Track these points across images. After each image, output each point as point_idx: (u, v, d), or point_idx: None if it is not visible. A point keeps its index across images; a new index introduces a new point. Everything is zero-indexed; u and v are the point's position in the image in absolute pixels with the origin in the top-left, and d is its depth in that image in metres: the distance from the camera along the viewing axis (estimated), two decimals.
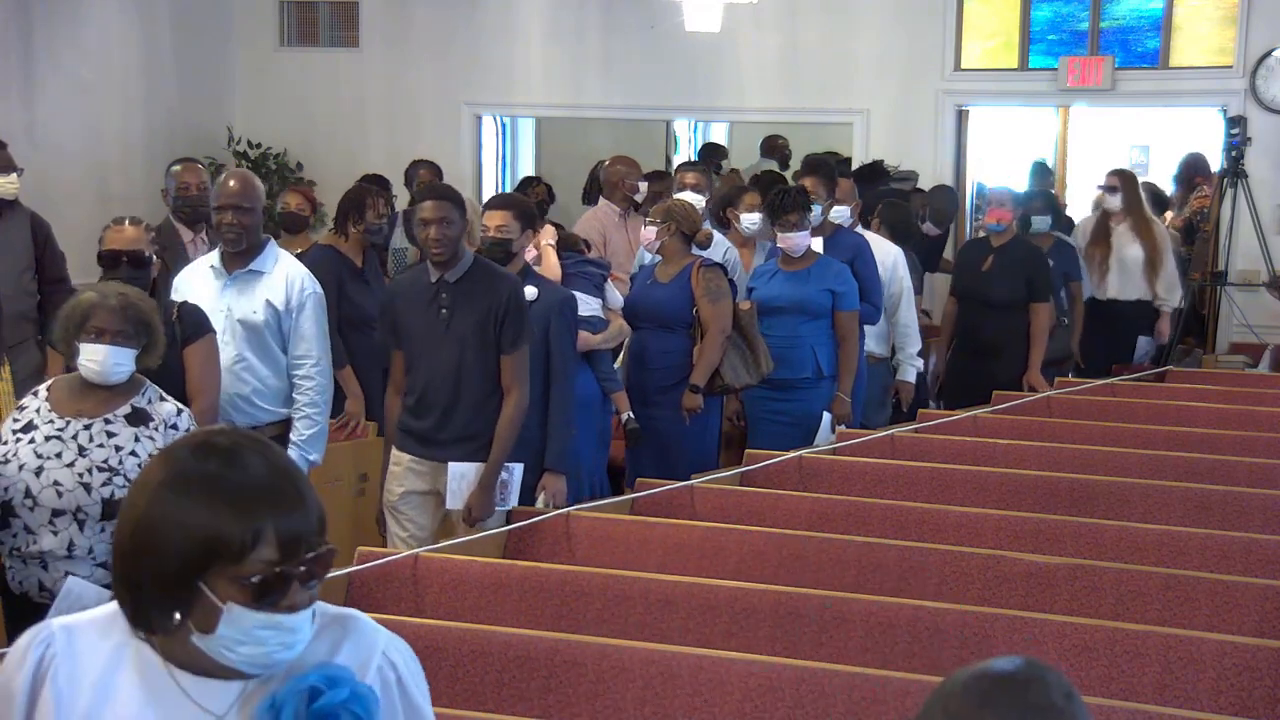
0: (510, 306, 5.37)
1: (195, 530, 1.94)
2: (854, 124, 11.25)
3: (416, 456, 5.48)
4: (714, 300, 6.65)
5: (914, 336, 7.73)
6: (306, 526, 1.99)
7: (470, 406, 5.39)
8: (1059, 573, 4.64)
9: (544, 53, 11.87)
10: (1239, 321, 10.00)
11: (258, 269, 5.56)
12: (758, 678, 3.70)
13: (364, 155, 11.38)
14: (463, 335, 5.37)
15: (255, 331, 5.50)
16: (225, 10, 12.22)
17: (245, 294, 5.54)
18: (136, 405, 4.30)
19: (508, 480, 5.43)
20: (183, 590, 1.95)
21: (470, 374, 5.38)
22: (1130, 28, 10.70)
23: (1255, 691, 3.84)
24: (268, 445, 2.04)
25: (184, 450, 2.01)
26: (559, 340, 5.80)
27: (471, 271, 5.41)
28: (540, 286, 5.88)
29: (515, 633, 4.05)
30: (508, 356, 5.39)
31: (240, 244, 5.51)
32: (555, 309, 5.83)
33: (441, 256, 5.35)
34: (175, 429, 4.30)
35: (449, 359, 5.37)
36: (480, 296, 5.37)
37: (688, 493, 5.65)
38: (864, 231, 7.80)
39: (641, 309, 6.79)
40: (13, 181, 7.19)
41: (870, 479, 5.97)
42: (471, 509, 5.36)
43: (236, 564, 1.94)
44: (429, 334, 5.41)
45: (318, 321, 5.61)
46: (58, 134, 10.49)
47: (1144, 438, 6.73)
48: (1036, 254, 8.15)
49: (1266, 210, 9.98)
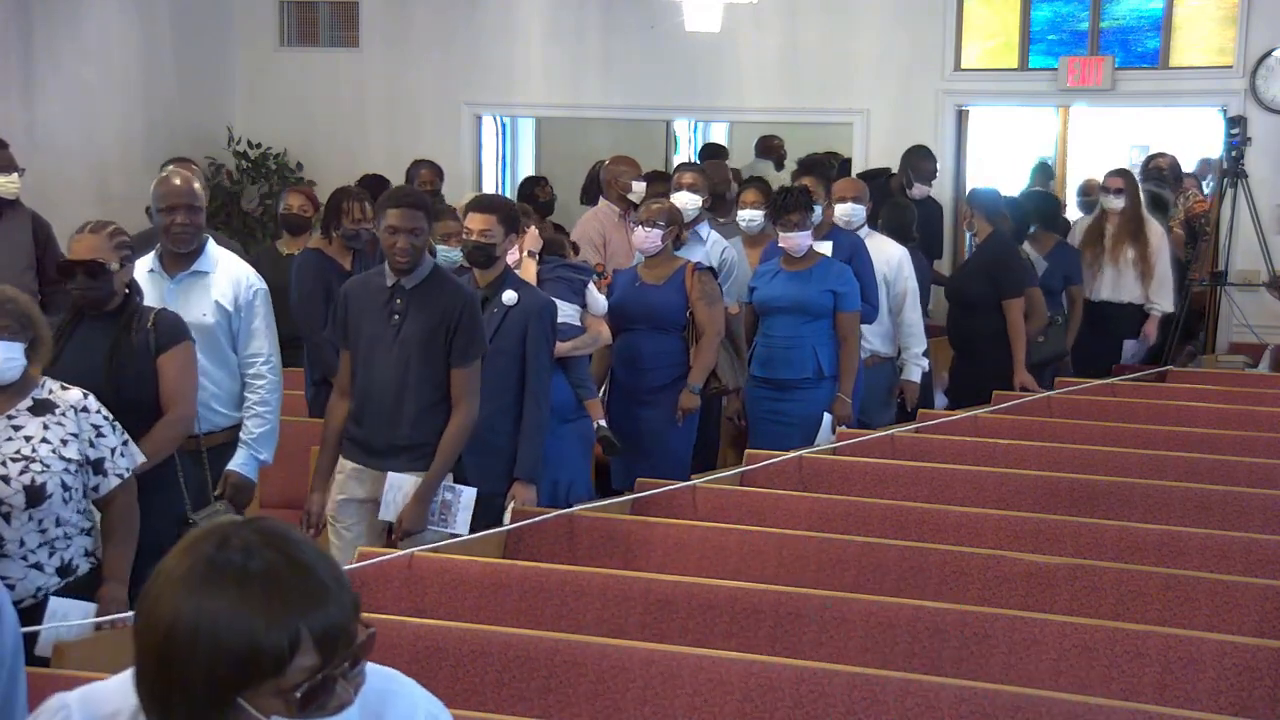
0: (464, 318, 5.21)
1: (229, 645, 1.78)
2: (854, 124, 11.25)
3: (359, 464, 5.33)
4: (710, 303, 6.73)
5: (919, 336, 7.73)
6: (343, 618, 1.84)
7: (413, 416, 5.21)
8: (1059, 573, 4.64)
9: (544, 53, 11.87)
10: (1239, 321, 10.00)
11: (201, 270, 5.36)
12: (758, 678, 3.70)
13: (364, 155, 11.38)
14: (411, 343, 5.21)
15: (207, 335, 5.28)
16: (225, 10, 12.22)
17: (192, 297, 5.32)
18: (37, 397, 4.18)
19: (451, 501, 5.25)
20: (218, 709, 1.81)
21: (416, 383, 5.21)
22: (1130, 28, 10.70)
23: (1255, 691, 3.84)
24: (288, 536, 1.88)
25: (206, 547, 1.83)
26: (535, 346, 5.67)
27: (429, 280, 5.27)
28: (520, 291, 5.77)
29: (515, 633, 4.05)
30: (458, 370, 5.22)
31: (191, 244, 5.31)
32: (534, 314, 5.70)
33: (405, 266, 5.21)
34: (85, 411, 4.19)
35: (395, 366, 5.22)
36: (434, 305, 5.22)
37: (688, 493, 5.65)
38: (871, 232, 7.79)
39: (633, 311, 6.77)
40: (14, 181, 7.21)
41: (870, 479, 5.97)
42: (403, 521, 5.18)
43: (277, 677, 1.80)
44: (378, 338, 5.26)
45: (266, 318, 5.43)
46: (58, 134, 10.50)
47: (1144, 438, 6.73)
48: (1004, 252, 8.08)
49: (1266, 210, 9.98)
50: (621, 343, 6.83)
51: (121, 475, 4.27)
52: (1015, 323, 7.95)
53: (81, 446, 4.19)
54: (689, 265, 6.80)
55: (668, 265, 6.81)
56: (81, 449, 4.19)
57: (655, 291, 6.77)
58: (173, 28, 11.63)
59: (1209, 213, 10.07)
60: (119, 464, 4.26)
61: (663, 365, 6.74)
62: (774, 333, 6.99)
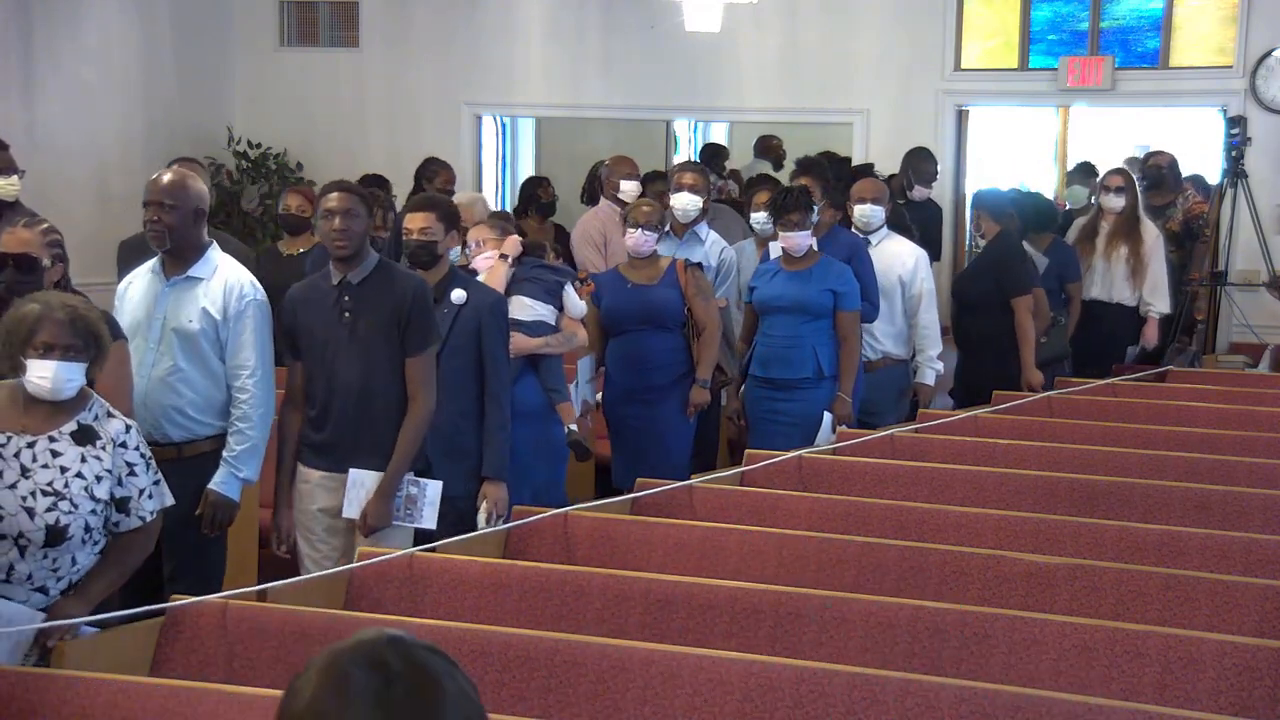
0: (415, 306, 5.15)
1: None
2: (854, 124, 11.25)
3: (326, 471, 5.23)
4: (706, 299, 6.86)
5: (934, 339, 7.67)
6: None
7: (380, 413, 5.13)
8: (1059, 573, 4.64)
9: (544, 53, 11.87)
10: (1239, 321, 10.00)
11: (196, 275, 5.24)
12: (758, 678, 3.70)
13: (364, 155, 11.38)
14: (368, 338, 5.13)
15: (191, 341, 5.17)
16: (225, 10, 12.21)
17: (182, 302, 5.22)
18: (83, 422, 4.07)
19: (416, 495, 5.18)
20: None
21: (378, 379, 5.14)
22: (1130, 28, 10.70)
23: (1255, 691, 3.83)
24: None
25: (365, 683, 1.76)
26: (490, 342, 5.61)
27: (376, 273, 5.19)
28: (469, 289, 5.71)
29: (515, 633, 4.04)
30: (413, 359, 5.15)
31: (164, 243, 5.17)
32: (486, 309, 5.64)
33: (344, 251, 5.12)
34: (124, 447, 4.10)
35: (355, 364, 5.13)
36: (385, 297, 5.15)
37: (688, 493, 5.65)
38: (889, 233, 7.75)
39: (632, 312, 6.80)
40: (14, 183, 7.22)
41: (870, 479, 5.97)
42: (367, 517, 5.12)
43: None
44: (333, 339, 5.16)
45: (258, 330, 5.25)
46: (58, 134, 10.49)
47: (1144, 438, 6.73)
48: (1008, 252, 8.06)
49: (1266, 210, 9.98)
50: (621, 345, 6.84)
51: (144, 518, 4.17)
52: (1023, 322, 7.92)
53: (112, 485, 4.10)
54: (679, 262, 6.87)
55: (654, 265, 6.88)
56: (111, 487, 4.10)
57: (652, 291, 6.81)
58: (173, 28, 11.63)
59: (1207, 214, 10.07)
60: (144, 506, 4.16)
61: (669, 363, 6.82)
62: (774, 332, 6.98)
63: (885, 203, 7.74)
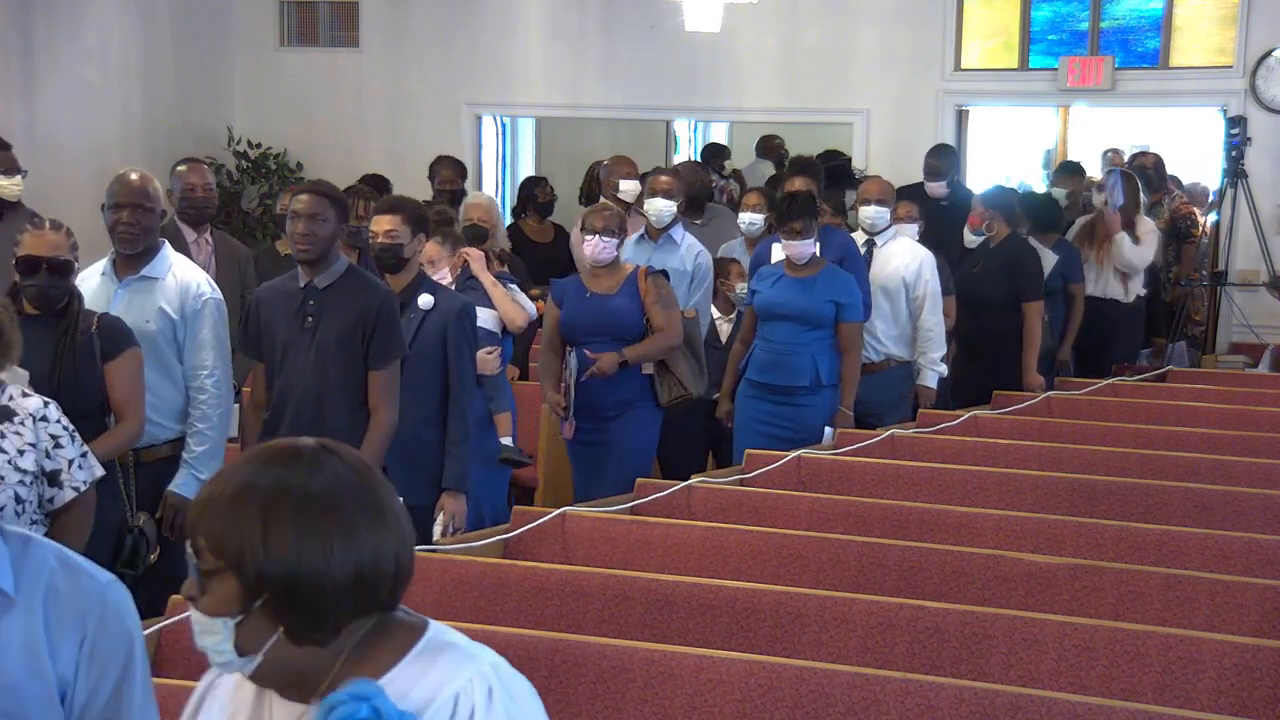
0: (381, 317, 5.02)
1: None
2: (854, 124, 11.27)
3: None
4: (666, 307, 6.45)
5: (937, 341, 7.53)
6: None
7: (335, 421, 4.94)
8: (1059, 573, 4.64)
9: (544, 53, 11.87)
10: (1239, 321, 10.00)
11: (151, 275, 5.14)
12: (758, 678, 3.70)
13: (364, 155, 11.38)
14: (328, 344, 5.01)
15: (149, 342, 5.01)
16: (225, 10, 12.22)
17: (137, 302, 5.11)
18: None
19: None
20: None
21: (335, 387, 5.02)
22: (1130, 28, 10.71)
23: (1255, 691, 3.84)
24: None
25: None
26: (456, 350, 5.48)
27: (343, 279, 5.07)
28: (437, 294, 5.59)
29: (515, 633, 4.04)
30: (375, 372, 5.02)
31: (136, 245, 5.11)
32: (453, 316, 5.50)
33: (308, 255, 5.00)
34: (45, 420, 4.08)
35: (313, 369, 5.02)
36: (350, 305, 5.02)
37: (687, 493, 5.65)
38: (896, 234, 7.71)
39: (589, 323, 6.46)
40: (16, 183, 7.21)
41: (870, 479, 5.97)
42: None
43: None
44: (293, 343, 5.05)
45: (215, 329, 5.18)
46: (58, 134, 10.50)
47: (1144, 438, 6.73)
48: (1024, 254, 8.05)
49: (1266, 210, 9.99)
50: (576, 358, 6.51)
51: (77, 488, 4.15)
52: (1033, 326, 7.91)
53: (38, 457, 4.08)
54: (640, 270, 6.55)
55: (616, 273, 6.54)
56: (38, 460, 4.08)
57: (609, 301, 6.48)
58: (173, 28, 11.64)
59: (1193, 215, 10.07)
60: (75, 477, 4.15)
61: (627, 377, 6.43)
62: (774, 338, 6.84)
63: (891, 203, 7.72)
